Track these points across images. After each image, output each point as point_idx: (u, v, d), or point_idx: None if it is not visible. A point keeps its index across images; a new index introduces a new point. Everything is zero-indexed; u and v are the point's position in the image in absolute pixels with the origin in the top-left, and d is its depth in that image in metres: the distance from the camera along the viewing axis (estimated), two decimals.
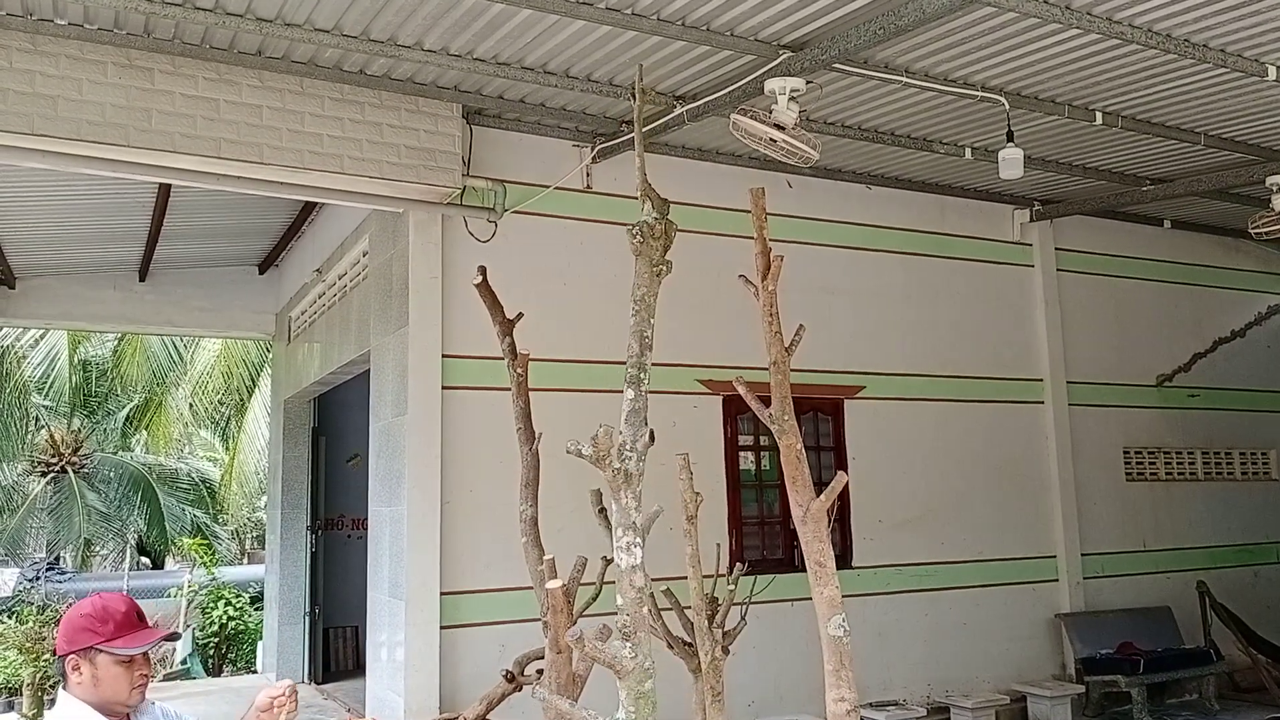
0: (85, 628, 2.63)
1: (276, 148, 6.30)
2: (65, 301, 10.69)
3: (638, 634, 2.39)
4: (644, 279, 2.84)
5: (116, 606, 2.68)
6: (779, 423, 3.26)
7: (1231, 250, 11.02)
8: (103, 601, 2.70)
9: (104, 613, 2.65)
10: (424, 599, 6.69)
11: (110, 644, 2.61)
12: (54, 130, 5.77)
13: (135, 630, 2.67)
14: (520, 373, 4.17)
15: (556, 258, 7.29)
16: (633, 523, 2.47)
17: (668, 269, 2.96)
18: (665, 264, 2.90)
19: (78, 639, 2.63)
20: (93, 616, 2.64)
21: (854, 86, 6.63)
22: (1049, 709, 8.39)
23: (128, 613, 2.68)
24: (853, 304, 8.59)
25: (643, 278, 2.85)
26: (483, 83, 6.62)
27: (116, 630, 2.63)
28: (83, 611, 2.67)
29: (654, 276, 2.87)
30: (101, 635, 2.61)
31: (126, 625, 2.65)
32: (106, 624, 2.63)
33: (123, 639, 2.63)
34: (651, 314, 2.78)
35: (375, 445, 7.64)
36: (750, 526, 8.07)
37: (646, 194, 2.94)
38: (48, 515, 18.19)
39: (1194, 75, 6.50)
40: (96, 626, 2.63)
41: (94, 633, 2.62)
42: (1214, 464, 10.61)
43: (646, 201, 2.92)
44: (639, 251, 2.87)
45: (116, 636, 2.62)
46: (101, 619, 2.64)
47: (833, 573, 3.13)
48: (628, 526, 2.48)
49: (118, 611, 2.67)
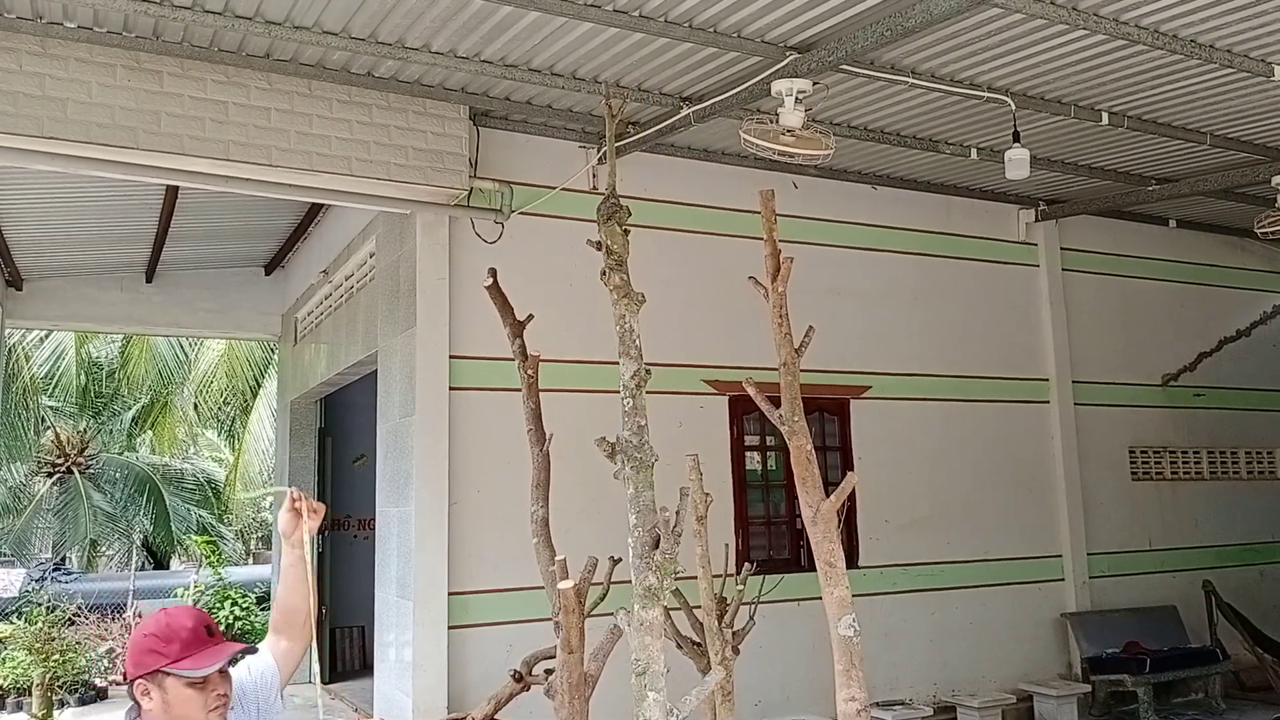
0: (150, 649, 2.39)
1: (284, 150, 6.33)
2: (72, 303, 10.73)
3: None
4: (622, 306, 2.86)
5: (182, 622, 2.42)
6: (789, 424, 3.28)
7: (1237, 250, 11.01)
8: (167, 618, 2.44)
9: (168, 630, 2.40)
10: (432, 599, 6.71)
11: (177, 665, 2.36)
12: (63, 133, 5.80)
13: (205, 647, 2.40)
14: (531, 374, 4.19)
15: (563, 259, 7.30)
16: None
17: (642, 299, 2.98)
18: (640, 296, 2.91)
19: (143, 661, 2.39)
20: (156, 636, 2.40)
21: (860, 87, 6.64)
22: (1055, 708, 8.40)
23: (195, 628, 2.42)
24: (858, 304, 8.60)
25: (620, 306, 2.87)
26: (490, 84, 6.64)
27: (183, 649, 2.37)
28: (146, 630, 2.43)
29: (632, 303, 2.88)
30: (167, 656, 2.36)
31: (194, 643, 2.39)
32: (171, 643, 2.38)
33: (190, 659, 2.37)
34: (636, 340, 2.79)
35: (383, 446, 7.66)
36: (757, 526, 8.08)
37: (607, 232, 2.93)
38: (54, 516, 18.21)
39: (1200, 75, 6.50)
40: (161, 647, 2.38)
41: (159, 654, 2.37)
42: (1220, 463, 10.60)
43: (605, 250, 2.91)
44: (614, 285, 2.89)
45: (184, 656, 2.37)
46: (165, 638, 2.39)
47: (843, 573, 3.15)
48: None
49: (183, 628, 2.41)
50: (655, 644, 2.41)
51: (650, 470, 2.49)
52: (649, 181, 7.72)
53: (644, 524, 2.45)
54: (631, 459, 2.47)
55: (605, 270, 2.79)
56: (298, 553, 2.67)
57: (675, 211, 7.90)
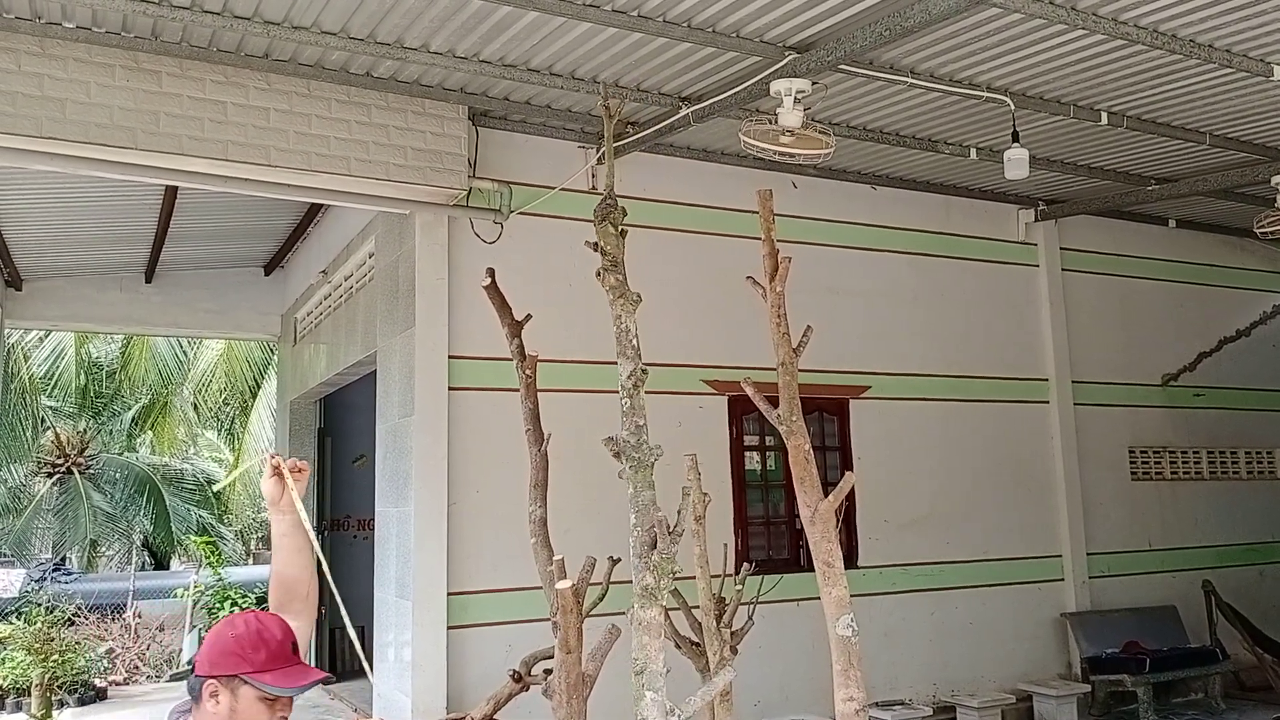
0: (234, 651, 2.25)
1: (283, 150, 6.33)
2: (72, 303, 10.73)
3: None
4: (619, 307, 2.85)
5: (272, 633, 2.29)
6: (787, 424, 3.28)
7: (1237, 249, 11.01)
8: (259, 623, 2.30)
9: (258, 638, 2.27)
10: (431, 599, 6.71)
11: (259, 677, 2.23)
12: (62, 133, 5.80)
13: (289, 664, 2.28)
14: (529, 374, 4.19)
15: (562, 259, 7.30)
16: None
17: (638, 298, 2.98)
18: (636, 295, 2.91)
19: (224, 662, 2.24)
20: (245, 640, 2.26)
21: (859, 87, 6.64)
22: (1055, 708, 8.39)
23: (283, 642, 2.29)
24: (858, 304, 8.60)
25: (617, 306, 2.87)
26: (489, 84, 6.64)
27: (269, 661, 2.24)
28: (235, 631, 2.29)
29: (628, 303, 2.88)
30: (251, 664, 2.23)
31: (280, 657, 2.27)
32: (259, 651, 2.25)
33: (274, 674, 2.24)
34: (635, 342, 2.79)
35: (382, 446, 7.66)
36: (756, 526, 8.08)
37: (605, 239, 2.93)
38: (54, 516, 18.21)
39: (1199, 75, 6.50)
40: (247, 652, 2.24)
41: (242, 659, 2.23)
42: (1219, 463, 10.60)
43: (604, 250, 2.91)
44: (610, 285, 2.89)
45: (268, 669, 2.24)
46: (254, 645, 2.25)
47: (841, 573, 3.14)
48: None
49: (273, 639, 2.28)
50: (653, 644, 2.41)
51: (650, 470, 2.49)
52: (648, 181, 7.71)
53: (643, 523, 2.45)
54: (630, 458, 2.47)
55: (601, 271, 2.79)
56: (289, 518, 2.55)
57: (674, 211, 7.90)
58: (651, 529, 2.44)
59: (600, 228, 2.81)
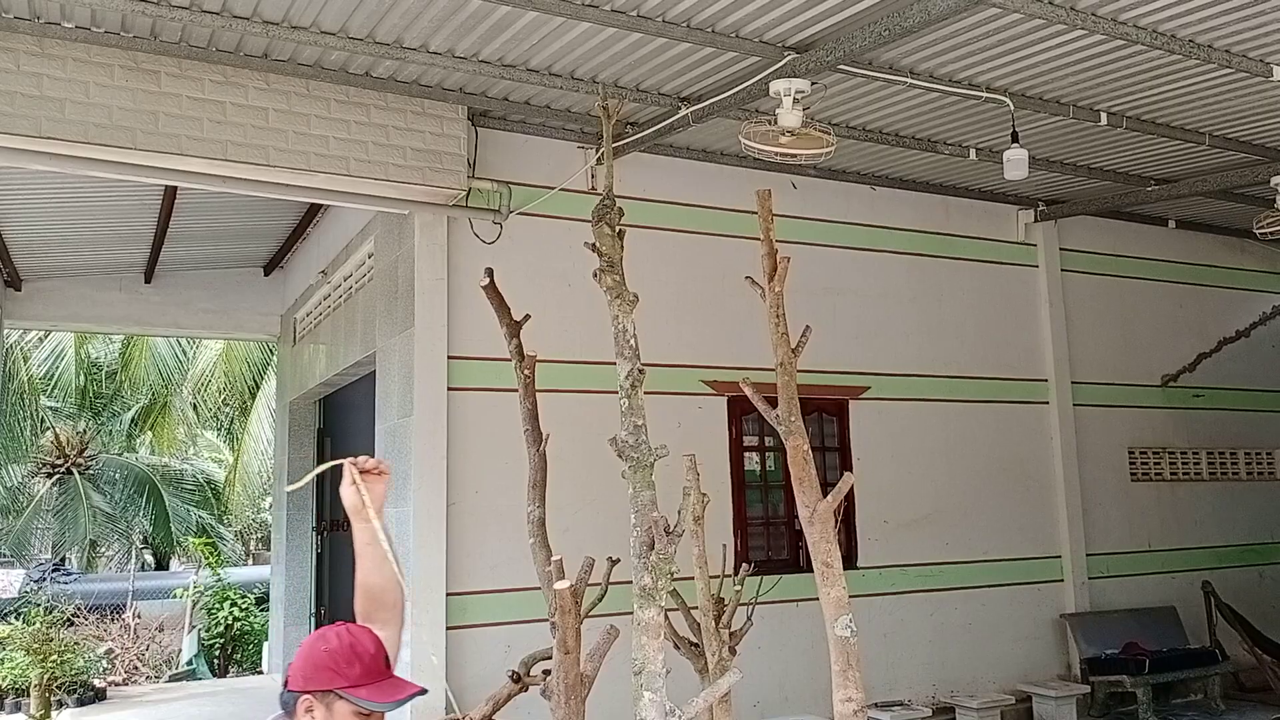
0: (329, 666, 2.21)
1: (283, 150, 6.32)
2: (72, 303, 10.73)
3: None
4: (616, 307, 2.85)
5: (365, 646, 2.26)
6: (786, 424, 3.28)
7: (1236, 250, 11.00)
8: (351, 637, 2.27)
9: (351, 651, 2.23)
10: (430, 600, 6.71)
11: (354, 692, 2.18)
12: (61, 133, 5.79)
13: (384, 678, 2.24)
14: (528, 374, 4.18)
15: (561, 259, 7.30)
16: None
17: (635, 298, 2.97)
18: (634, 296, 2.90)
19: (318, 677, 2.20)
20: (339, 655, 2.22)
21: (859, 88, 6.64)
22: (1054, 709, 8.39)
23: (376, 655, 2.25)
24: (857, 304, 8.60)
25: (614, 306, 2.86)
26: (488, 85, 6.64)
27: (363, 676, 2.21)
28: (328, 646, 2.24)
29: (626, 303, 2.87)
30: (346, 679, 2.19)
31: (374, 671, 2.23)
32: (353, 665, 2.21)
33: (369, 688, 2.20)
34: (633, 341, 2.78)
35: (381, 446, 7.65)
36: (755, 527, 8.08)
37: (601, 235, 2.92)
38: (53, 516, 18.22)
39: (1199, 76, 6.50)
40: (342, 667, 2.20)
41: (338, 674, 2.19)
42: (1219, 464, 10.60)
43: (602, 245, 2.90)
44: (607, 285, 2.88)
45: (363, 684, 2.20)
46: (348, 659, 2.21)
47: (839, 573, 3.14)
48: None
49: (366, 653, 2.24)
50: (652, 644, 2.41)
51: (649, 470, 2.48)
52: (647, 182, 7.71)
53: (643, 523, 2.44)
54: (629, 458, 2.46)
55: (598, 271, 2.79)
56: (371, 527, 2.47)
57: (674, 212, 7.90)
58: (649, 530, 2.44)
59: (597, 229, 2.81)
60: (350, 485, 2.47)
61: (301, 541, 10.90)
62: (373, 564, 2.48)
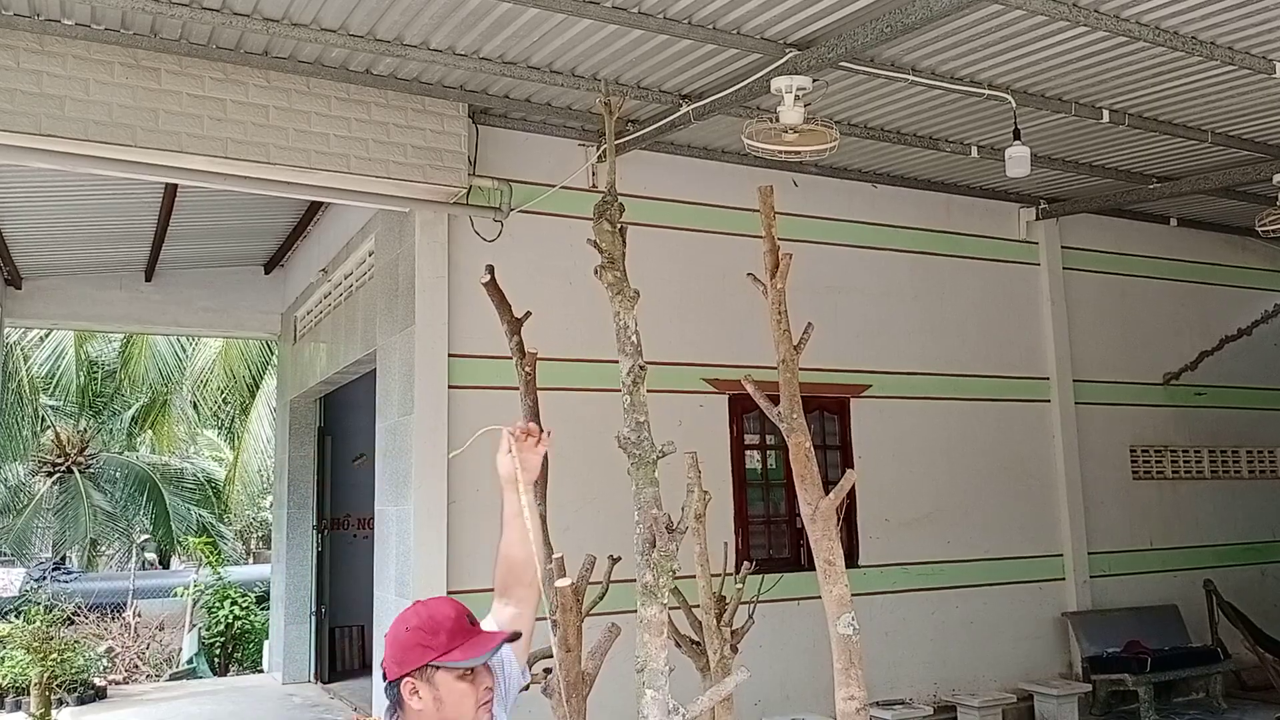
0: (416, 643, 2.22)
1: (283, 147, 6.31)
2: (72, 301, 10.72)
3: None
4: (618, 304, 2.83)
5: (445, 612, 2.27)
6: (788, 421, 3.26)
7: (1238, 248, 10.99)
8: (428, 610, 2.29)
9: (432, 622, 2.24)
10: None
11: (447, 657, 2.20)
12: (61, 130, 5.78)
13: (471, 636, 2.25)
14: (528, 371, 4.17)
15: (563, 257, 7.28)
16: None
17: (637, 295, 2.95)
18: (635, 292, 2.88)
19: (409, 658, 2.23)
20: (421, 630, 2.24)
21: (860, 85, 6.62)
22: (1056, 708, 8.38)
23: (458, 618, 2.26)
24: (858, 302, 8.58)
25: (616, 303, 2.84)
26: (489, 82, 6.62)
27: (450, 640, 2.22)
28: (409, 625, 2.26)
29: (627, 299, 2.85)
30: (436, 649, 2.21)
31: (460, 633, 2.24)
32: (438, 635, 2.22)
33: (460, 649, 2.21)
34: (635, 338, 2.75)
35: (381, 444, 7.64)
36: (756, 525, 8.06)
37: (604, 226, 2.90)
38: (54, 515, 18.22)
39: (1201, 73, 6.48)
40: (428, 640, 2.22)
41: (427, 648, 2.21)
42: (1221, 462, 10.58)
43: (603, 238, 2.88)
44: (608, 282, 2.86)
45: (452, 647, 2.21)
46: (431, 630, 2.23)
47: (842, 571, 3.13)
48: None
49: (447, 618, 2.25)
50: (655, 642, 2.39)
51: (652, 467, 2.47)
52: (648, 180, 7.70)
53: (645, 521, 2.43)
54: (632, 455, 2.45)
55: (599, 268, 2.77)
56: (519, 498, 2.42)
57: (675, 210, 7.88)
58: (650, 527, 2.42)
59: (597, 225, 2.79)
60: (506, 454, 2.41)
61: (302, 540, 10.89)
62: (518, 536, 2.46)
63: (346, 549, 11.16)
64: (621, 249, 2.86)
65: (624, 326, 2.58)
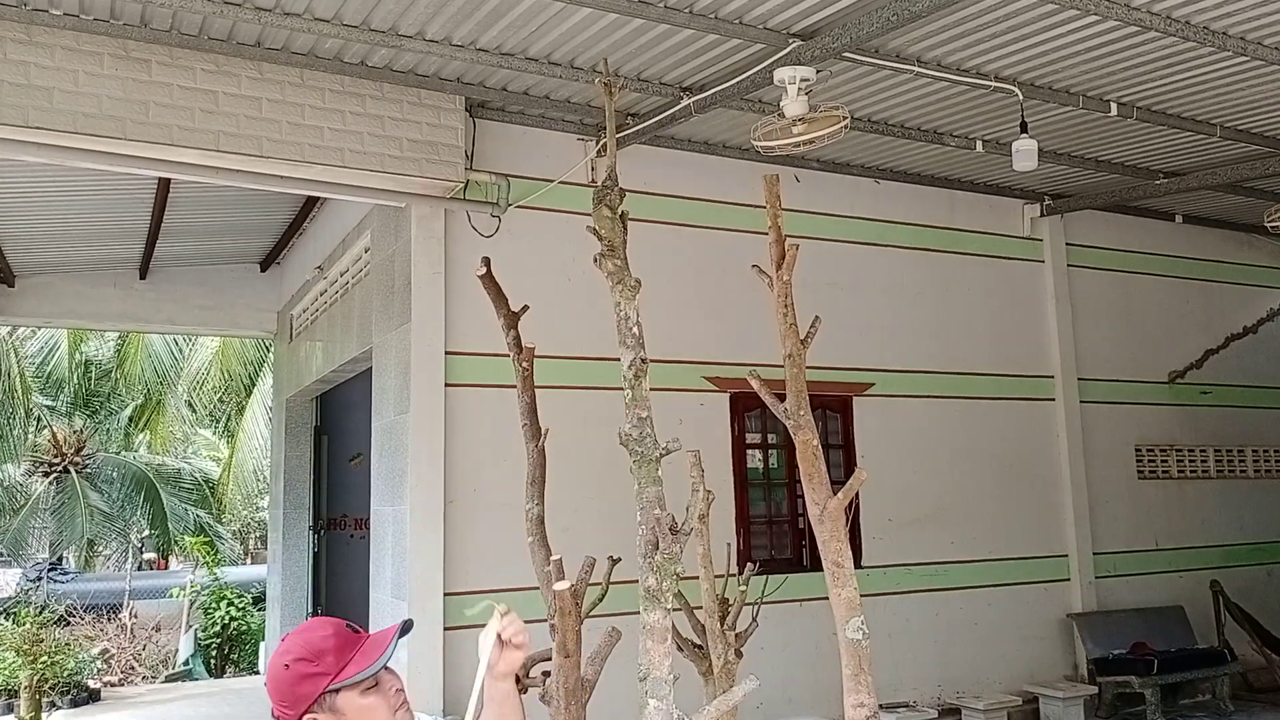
0: (303, 675, 2.03)
1: (276, 140, 6.19)
2: (66, 299, 10.59)
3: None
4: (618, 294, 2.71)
5: (321, 633, 2.09)
6: (795, 418, 3.14)
7: (1244, 245, 10.88)
8: (301, 638, 2.09)
9: (310, 649, 2.05)
10: (427, 600, 6.58)
11: (342, 676, 2.02)
12: (49, 123, 5.65)
13: (357, 646, 2.07)
14: (525, 366, 4.05)
15: (562, 254, 7.17)
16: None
17: (638, 284, 2.83)
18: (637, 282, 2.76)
19: (301, 694, 2.02)
20: (303, 660, 2.04)
21: (864, 77, 6.50)
22: (1061, 710, 8.26)
23: (337, 634, 2.09)
24: (861, 300, 8.47)
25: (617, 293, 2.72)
26: (486, 74, 6.50)
27: (338, 658, 2.04)
28: (287, 661, 2.06)
29: (628, 289, 2.73)
30: (328, 673, 2.02)
31: (345, 647, 2.06)
32: (323, 658, 2.03)
33: (352, 662, 2.04)
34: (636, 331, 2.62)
35: (377, 444, 7.52)
36: (758, 526, 7.95)
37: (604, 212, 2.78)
38: (50, 515, 18.12)
39: (1213, 64, 6.36)
40: (313, 669, 2.03)
41: (317, 675, 2.02)
42: (1227, 461, 10.47)
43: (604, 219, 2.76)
44: (608, 271, 2.74)
45: (344, 664, 2.03)
46: (313, 657, 2.04)
47: (851, 573, 3.01)
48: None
49: (326, 639, 2.07)
50: (658, 649, 2.28)
51: (655, 465, 2.36)
52: (649, 174, 7.58)
53: (648, 521, 2.32)
54: (634, 452, 2.33)
55: (598, 256, 2.66)
56: (503, 687, 2.19)
57: (676, 205, 7.76)
58: (654, 528, 2.31)
59: (597, 211, 2.67)
60: (494, 638, 2.18)
61: (298, 540, 10.77)
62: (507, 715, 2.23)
63: (343, 550, 11.02)
64: (622, 236, 2.74)
65: (625, 317, 2.47)
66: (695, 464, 3.60)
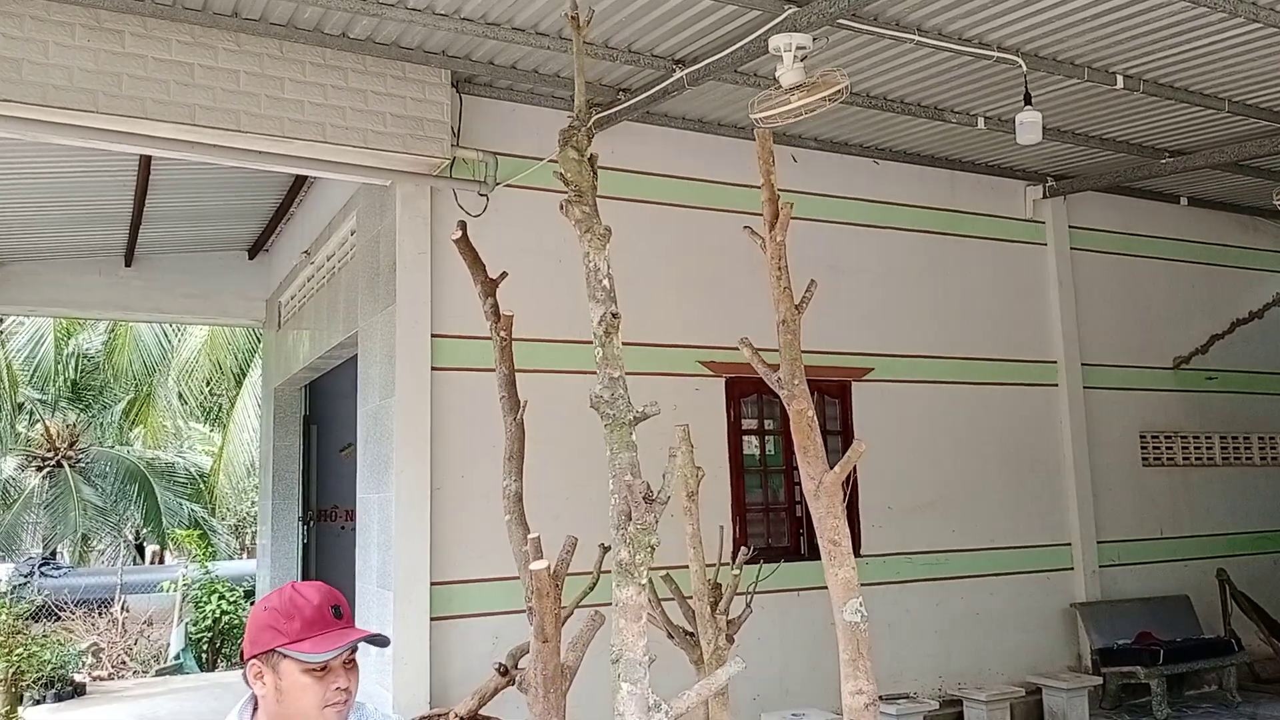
0: (268, 624, 2.07)
1: (255, 115, 5.98)
2: (49, 287, 10.39)
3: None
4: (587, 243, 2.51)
5: (307, 598, 2.10)
6: (788, 387, 2.95)
7: (1249, 229, 10.69)
8: (292, 591, 2.12)
9: (290, 606, 2.08)
10: (413, 589, 6.39)
11: (294, 647, 2.04)
12: (18, 95, 5.45)
13: (329, 629, 2.07)
14: (504, 335, 3.85)
15: (551, 234, 6.95)
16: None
17: (609, 234, 2.64)
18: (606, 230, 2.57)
19: (260, 639, 2.07)
20: (278, 611, 2.08)
21: (863, 48, 6.30)
22: (1065, 701, 8.08)
23: (320, 606, 2.09)
24: (860, 282, 8.27)
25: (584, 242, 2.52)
26: (472, 46, 6.30)
27: (305, 629, 2.05)
28: (269, 605, 2.11)
29: (597, 237, 2.54)
30: (286, 635, 2.05)
31: (317, 623, 2.06)
32: (292, 620, 2.06)
33: (310, 640, 2.04)
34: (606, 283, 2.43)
35: (363, 430, 7.33)
36: (754, 512, 7.76)
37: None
38: (44, 510, 17.94)
39: (1222, 32, 6.16)
40: (280, 624, 2.06)
41: (277, 631, 2.06)
42: (1232, 448, 10.29)
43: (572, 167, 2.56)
44: (575, 218, 2.55)
45: (304, 638, 2.04)
46: (287, 614, 2.07)
47: (848, 552, 2.82)
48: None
49: (308, 605, 2.08)
50: (632, 628, 2.09)
51: (628, 428, 2.17)
52: (640, 153, 7.39)
53: (620, 490, 2.13)
54: (604, 415, 2.14)
55: (564, 204, 2.46)
56: None
57: (668, 185, 7.57)
58: (626, 497, 2.11)
59: (563, 154, 2.48)
60: None
61: (288, 532, 10.58)
62: None
63: (333, 541, 10.84)
64: (591, 181, 2.54)
65: (594, 269, 2.28)
66: (684, 439, 3.41)
